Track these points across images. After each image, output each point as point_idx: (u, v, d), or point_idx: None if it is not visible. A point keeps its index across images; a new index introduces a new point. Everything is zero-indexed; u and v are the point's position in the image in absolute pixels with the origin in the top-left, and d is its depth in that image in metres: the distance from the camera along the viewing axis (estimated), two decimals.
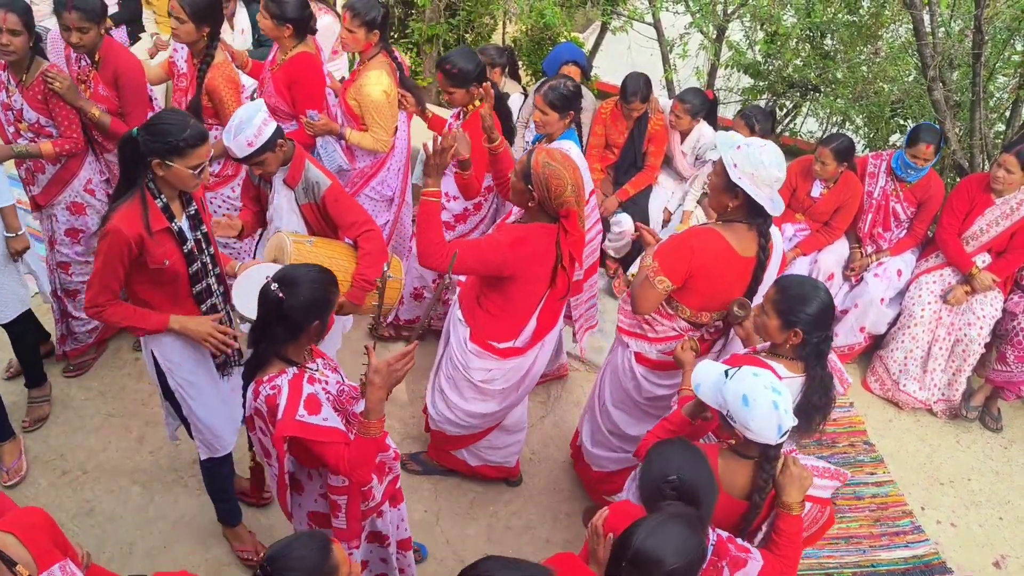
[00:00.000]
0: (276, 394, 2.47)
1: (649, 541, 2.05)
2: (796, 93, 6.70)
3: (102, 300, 2.90)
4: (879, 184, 4.70)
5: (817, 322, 2.74)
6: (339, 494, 2.70)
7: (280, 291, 2.45)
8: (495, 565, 1.90)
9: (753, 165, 2.96)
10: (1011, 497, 4.37)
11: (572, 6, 7.12)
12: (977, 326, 4.53)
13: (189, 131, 2.76)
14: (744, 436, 2.45)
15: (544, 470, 4.23)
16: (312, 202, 3.47)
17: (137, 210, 2.80)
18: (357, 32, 4.14)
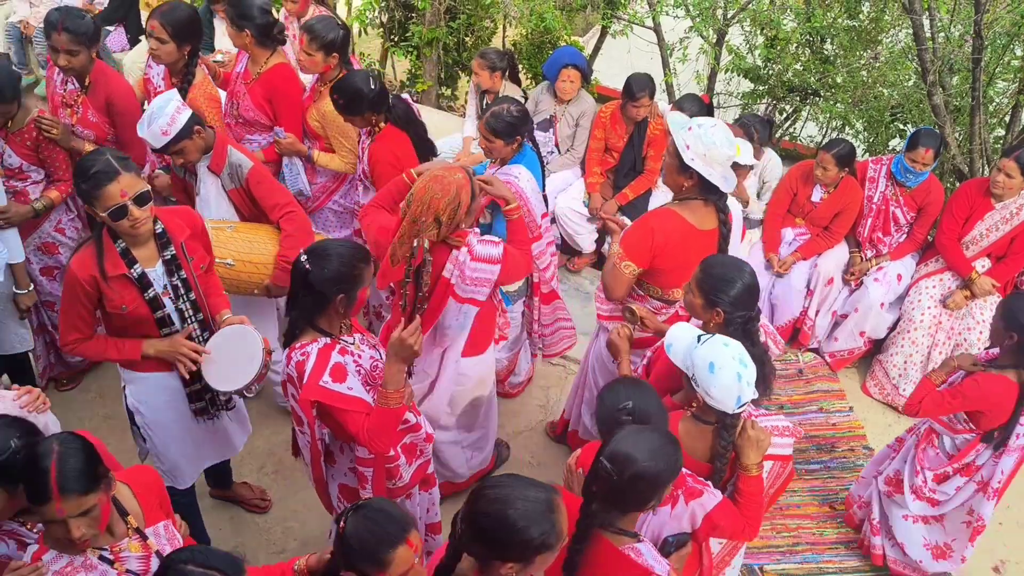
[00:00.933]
0: (304, 360, 2.57)
1: (624, 442, 2.19)
2: (796, 97, 6.71)
3: (71, 339, 2.89)
4: (879, 189, 4.70)
5: (739, 302, 2.81)
6: (366, 466, 2.80)
7: (308, 263, 2.55)
8: (498, 482, 1.99)
9: (705, 146, 3.05)
10: (1011, 501, 4.35)
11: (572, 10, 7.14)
12: (977, 331, 4.53)
13: (94, 168, 2.60)
14: (704, 401, 2.55)
15: (542, 475, 4.22)
16: (239, 186, 3.47)
17: (91, 253, 2.76)
18: (315, 55, 4.05)
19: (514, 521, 1.89)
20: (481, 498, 1.96)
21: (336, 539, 2.06)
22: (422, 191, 2.92)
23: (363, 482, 2.84)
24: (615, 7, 6.81)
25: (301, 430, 2.78)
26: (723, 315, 2.83)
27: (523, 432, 4.44)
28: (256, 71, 4.14)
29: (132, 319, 2.85)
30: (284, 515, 3.85)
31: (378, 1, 7.33)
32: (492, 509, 1.92)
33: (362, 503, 2.10)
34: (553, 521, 1.94)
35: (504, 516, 1.90)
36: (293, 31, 5.65)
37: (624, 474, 2.14)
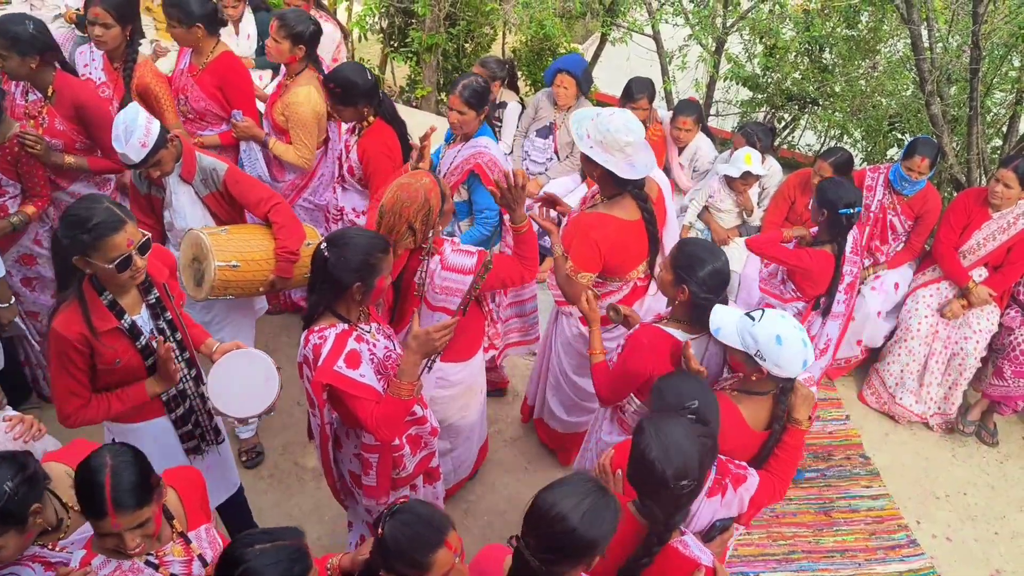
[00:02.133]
0: (321, 344, 2.60)
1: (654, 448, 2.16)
2: (794, 106, 6.73)
3: (71, 409, 2.66)
4: (877, 197, 4.72)
5: (706, 284, 2.85)
6: (371, 452, 2.82)
7: (327, 251, 2.57)
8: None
9: (601, 133, 3.12)
10: (1007, 512, 4.36)
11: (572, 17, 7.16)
12: (973, 340, 4.54)
13: (95, 219, 2.44)
14: (769, 373, 2.62)
15: (540, 480, 4.21)
16: (215, 190, 3.45)
17: (76, 311, 2.57)
18: (282, 43, 4.10)
19: (584, 530, 1.90)
20: (551, 508, 1.94)
21: (376, 543, 2.06)
22: (392, 202, 2.93)
23: (367, 468, 2.86)
24: (615, 15, 6.83)
25: (312, 412, 2.81)
26: (688, 294, 2.88)
27: (520, 437, 4.43)
28: (202, 62, 4.15)
29: (123, 371, 2.71)
30: (279, 520, 3.84)
31: (378, 7, 7.35)
32: (563, 518, 1.91)
33: (400, 507, 2.07)
34: (614, 525, 1.97)
35: (573, 526, 1.90)
36: None
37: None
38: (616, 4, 6.78)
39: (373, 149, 3.97)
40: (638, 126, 3.18)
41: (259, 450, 4.10)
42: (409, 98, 7.93)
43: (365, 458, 2.85)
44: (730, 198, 4.94)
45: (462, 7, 7.44)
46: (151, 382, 2.78)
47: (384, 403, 2.62)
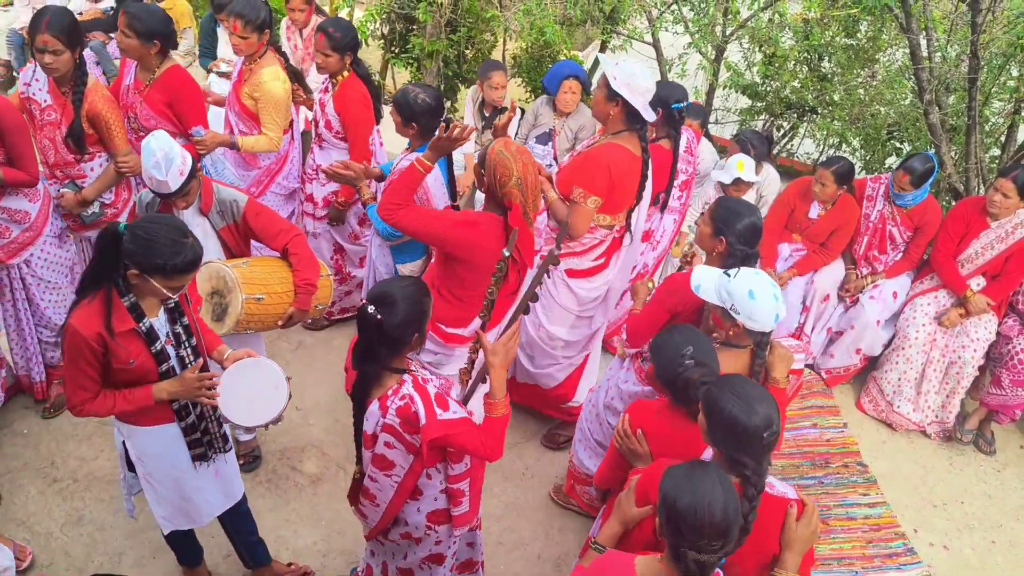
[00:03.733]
0: (409, 403, 2.54)
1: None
2: (793, 114, 6.75)
3: (78, 400, 2.71)
4: (877, 208, 4.73)
5: (743, 236, 3.11)
6: (460, 480, 2.78)
7: (378, 313, 2.47)
8: None
9: (628, 75, 3.48)
10: (1004, 521, 4.36)
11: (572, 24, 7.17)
12: (971, 349, 4.54)
13: (182, 256, 2.53)
14: (744, 326, 2.79)
15: (537, 485, 4.22)
16: (231, 223, 3.39)
17: (98, 309, 2.59)
18: (250, 37, 4.16)
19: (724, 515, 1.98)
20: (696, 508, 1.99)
21: None
22: (524, 169, 3.11)
23: (458, 498, 2.83)
24: (615, 22, 6.85)
25: (389, 474, 2.72)
26: (726, 244, 3.12)
27: (518, 443, 4.43)
28: (149, 78, 4.06)
29: (136, 373, 2.72)
30: (276, 524, 3.84)
31: (379, 13, 7.37)
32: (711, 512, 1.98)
33: None
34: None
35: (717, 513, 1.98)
36: (295, 41, 5.68)
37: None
38: (616, 12, 6.79)
39: (349, 98, 4.27)
40: (654, 81, 3.58)
41: (257, 454, 4.10)
42: None
43: (454, 489, 2.80)
44: None
45: (463, 14, 7.45)
46: (159, 387, 2.76)
47: (485, 426, 2.63)
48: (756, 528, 2.28)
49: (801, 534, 2.32)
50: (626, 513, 2.44)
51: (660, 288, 3.30)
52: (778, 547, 2.34)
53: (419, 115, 3.73)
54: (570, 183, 3.66)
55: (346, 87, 4.30)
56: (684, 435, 2.69)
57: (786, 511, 2.34)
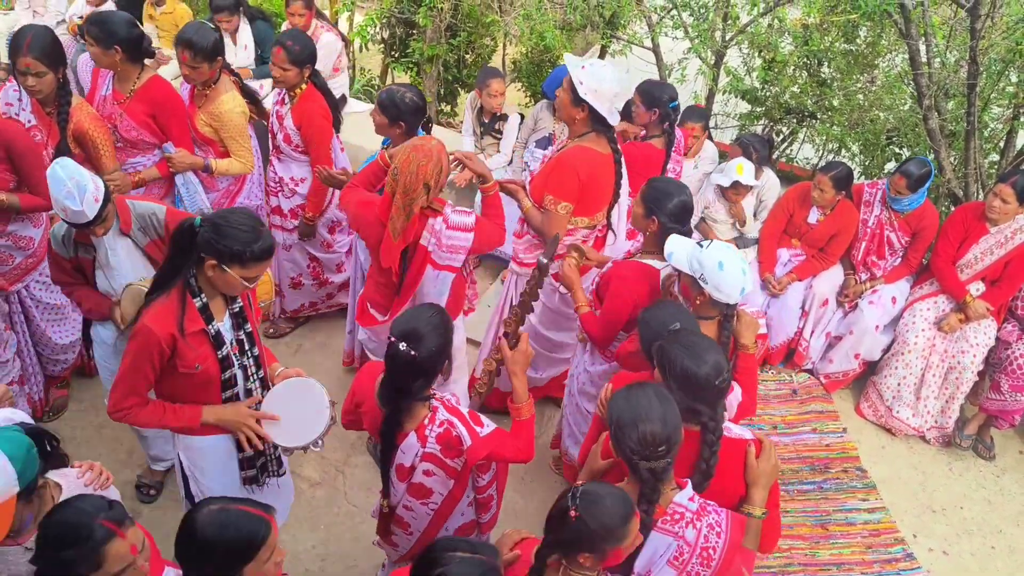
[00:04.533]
0: (449, 428, 2.58)
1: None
2: (793, 120, 6.75)
3: (128, 404, 2.65)
4: (874, 213, 4.73)
5: (674, 214, 3.26)
6: (488, 488, 2.84)
7: (410, 349, 2.46)
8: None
9: (596, 81, 3.44)
10: (1003, 526, 4.36)
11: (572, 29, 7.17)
12: (971, 354, 4.54)
13: (260, 243, 2.52)
14: (711, 297, 2.90)
15: (536, 490, 4.21)
16: (156, 237, 3.27)
17: (173, 308, 2.55)
18: (201, 67, 3.97)
19: (605, 523, 2.02)
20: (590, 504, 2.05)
21: (565, 525, 2.04)
22: (407, 162, 3.06)
23: (487, 506, 2.89)
24: (615, 27, 6.86)
25: (425, 502, 2.74)
26: (658, 224, 3.26)
27: None
28: (129, 89, 3.95)
29: (199, 379, 2.66)
30: None
31: (379, 17, 7.38)
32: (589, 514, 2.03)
33: (584, 489, 2.07)
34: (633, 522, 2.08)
35: (597, 522, 2.01)
36: None
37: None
38: (616, 17, 6.80)
39: (309, 111, 4.20)
40: (624, 79, 3.66)
41: None
42: None
43: (482, 499, 2.86)
44: (725, 208, 4.95)
45: (463, 18, 7.46)
46: (209, 410, 2.70)
47: (515, 431, 2.69)
48: (719, 472, 2.45)
49: (763, 469, 2.49)
50: (593, 465, 2.58)
51: (613, 285, 3.35)
52: (744, 488, 2.51)
53: (406, 114, 3.75)
54: (541, 191, 3.67)
55: (304, 101, 4.22)
56: None
57: (745, 450, 2.50)
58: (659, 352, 2.50)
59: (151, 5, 6.20)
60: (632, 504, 2.10)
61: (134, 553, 2.04)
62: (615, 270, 3.41)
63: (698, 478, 2.46)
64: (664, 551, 2.27)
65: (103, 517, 2.02)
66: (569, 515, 2.01)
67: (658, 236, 3.27)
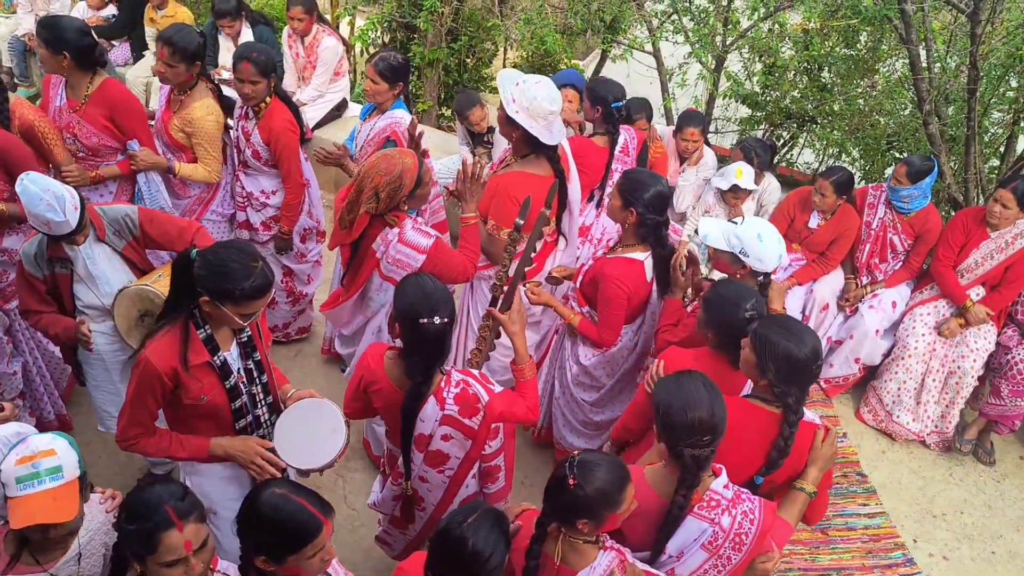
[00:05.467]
0: (466, 387, 2.67)
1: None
2: (793, 124, 6.77)
3: (133, 434, 2.62)
4: (878, 215, 4.73)
5: (651, 204, 3.30)
6: (495, 457, 2.90)
7: (443, 318, 2.55)
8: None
9: (528, 100, 3.38)
10: (1004, 531, 4.35)
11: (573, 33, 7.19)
12: (971, 359, 4.54)
13: (252, 281, 2.44)
14: (752, 268, 3.11)
15: (536, 494, 4.20)
16: (131, 239, 3.23)
17: (175, 341, 2.51)
18: (177, 67, 3.92)
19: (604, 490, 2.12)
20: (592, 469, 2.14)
21: (564, 491, 2.12)
22: (371, 164, 3.13)
23: (494, 475, 2.95)
24: (615, 32, 6.87)
25: (442, 469, 2.78)
26: (636, 215, 3.31)
27: (517, 451, 4.41)
28: (83, 95, 3.86)
29: (207, 409, 2.61)
30: None
31: (380, 21, 7.40)
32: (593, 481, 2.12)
33: (581, 458, 2.15)
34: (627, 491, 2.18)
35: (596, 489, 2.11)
36: (296, 50, 5.71)
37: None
38: (617, 21, 6.82)
39: (278, 126, 4.12)
40: (558, 96, 3.45)
41: None
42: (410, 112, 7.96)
43: (488, 468, 2.93)
44: (725, 213, 4.96)
45: (464, 23, 7.48)
46: (217, 442, 2.66)
47: (521, 390, 2.79)
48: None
49: (825, 452, 2.63)
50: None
51: (603, 286, 3.41)
52: (801, 467, 2.64)
53: (402, 73, 4.00)
54: (485, 213, 3.67)
55: (271, 116, 4.10)
56: (723, 380, 2.73)
57: (814, 433, 2.63)
58: (758, 334, 2.56)
59: (152, 8, 6.21)
60: (628, 471, 2.19)
61: (187, 549, 2.05)
62: (601, 270, 3.44)
63: (775, 456, 2.57)
64: (699, 536, 2.34)
65: (170, 504, 2.05)
66: (567, 482, 2.09)
67: (636, 227, 3.36)
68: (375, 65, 3.96)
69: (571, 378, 3.80)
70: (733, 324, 2.79)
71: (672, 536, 2.34)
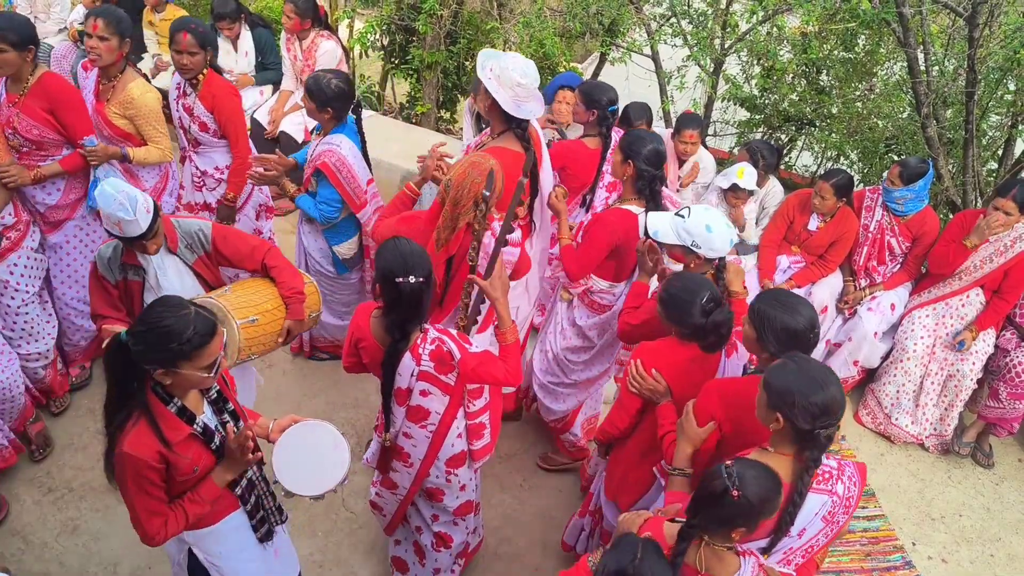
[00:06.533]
0: (440, 344, 2.78)
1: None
2: (791, 127, 6.77)
3: (153, 530, 2.45)
4: (875, 218, 4.73)
5: (648, 158, 3.46)
6: (480, 415, 3.01)
7: (418, 278, 2.67)
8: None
9: (500, 68, 3.52)
10: (1002, 534, 4.35)
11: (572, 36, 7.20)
12: (969, 361, 4.54)
13: (192, 328, 2.29)
14: (704, 257, 3.19)
15: (535, 497, 4.21)
16: (202, 254, 3.23)
17: (146, 428, 2.35)
18: (111, 40, 3.90)
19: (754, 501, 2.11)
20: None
21: (726, 504, 2.10)
22: (462, 176, 3.18)
23: (479, 432, 3.04)
24: (614, 35, 6.88)
25: (424, 424, 2.90)
26: (634, 168, 3.47)
27: (516, 454, 4.42)
28: (21, 88, 3.79)
29: (198, 476, 2.52)
30: None
31: (379, 24, 7.40)
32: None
33: (738, 470, 2.13)
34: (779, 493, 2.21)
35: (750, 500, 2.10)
36: (295, 51, 5.70)
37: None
38: (615, 24, 6.83)
39: (220, 93, 4.20)
40: (534, 76, 3.55)
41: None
42: (409, 115, 7.96)
43: (474, 425, 3.02)
44: (726, 213, 4.96)
45: (463, 25, 7.49)
46: (219, 473, 2.57)
47: (503, 354, 2.87)
48: None
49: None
50: (694, 435, 2.69)
51: (592, 228, 3.57)
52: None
53: (332, 100, 3.93)
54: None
55: (210, 84, 4.19)
56: (700, 364, 2.97)
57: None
58: (756, 311, 2.68)
59: (151, 11, 6.21)
60: (778, 475, 2.22)
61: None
62: (597, 216, 3.69)
63: None
64: (819, 509, 2.43)
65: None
66: (731, 495, 2.08)
67: (634, 180, 3.52)
68: (307, 81, 3.96)
69: (564, 343, 3.94)
70: (693, 317, 2.88)
71: (796, 517, 2.40)
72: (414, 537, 3.38)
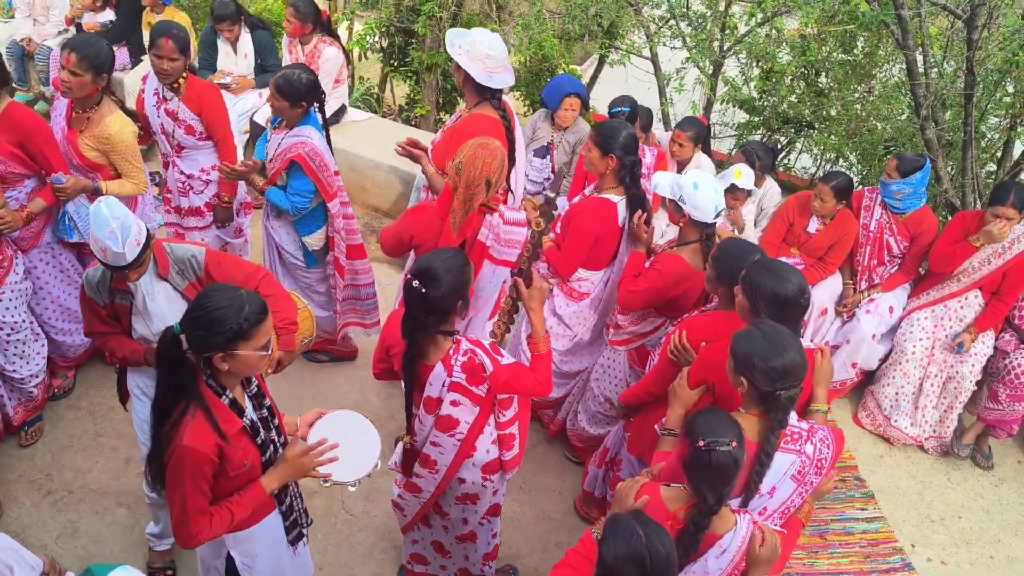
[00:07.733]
0: (472, 356, 2.76)
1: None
2: (790, 129, 6.79)
3: (198, 528, 2.41)
4: (874, 217, 4.73)
5: (626, 147, 3.55)
6: (510, 425, 2.99)
7: (422, 286, 2.64)
8: None
9: (468, 43, 3.71)
10: (1002, 536, 4.35)
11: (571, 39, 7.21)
12: (969, 363, 4.54)
13: (248, 308, 2.32)
14: (690, 217, 3.33)
15: (534, 499, 4.21)
16: (194, 280, 3.15)
17: (204, 420, 2.34)
18: (83, 76, 3.67)
19: None
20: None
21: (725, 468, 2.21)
22: (472, 158, 3.25)
23: (509, 443, 3.02)
24: (613, 37, 6.90)
25: (453, 433, 2.89)
26: (616, 159, 3.53)
27: None
28: None
29: (246, 474, 2.49)
30: None
31: (379, 26, 7.41)
32: None
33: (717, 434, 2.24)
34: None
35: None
36: (297, 54, 5.70)
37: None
38: (614, 27, 6.85)
39: (205, 96, 4.23)
40: (501, 48, 3.77)
41: None
42: (408, 117, 7.97)
43: (505, 435, 3.00)
44: (724, 215, 4.96)
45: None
46: (268, 479, 2.56)
47: (534, 365, 2.86)
48: None
49: (825, 371, 2.91)
50: (686, 398, 2.84)
51: (574, 220, 3.65)
52: (811, 387, 2.88)
53: (305, 94, 3.96)
54: (443, 160, 3.80)
55: (193, 87, 4.19)
56: None
57: (813, 357, 2.83)
58: (746, 280, 2.77)
59: (151, 13, 6.22)
60: (728, 413, 2.36)
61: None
62: (575, 207, 3.73)
63: None
64: (788, 468, 2.52)
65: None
66: (699, 447, 2.23)
67: (617, 171, 3.58)
68: (275, 80, 3.93)
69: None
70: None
71: (764, 475, 2.48)
72: (432, 536, 3.36)
